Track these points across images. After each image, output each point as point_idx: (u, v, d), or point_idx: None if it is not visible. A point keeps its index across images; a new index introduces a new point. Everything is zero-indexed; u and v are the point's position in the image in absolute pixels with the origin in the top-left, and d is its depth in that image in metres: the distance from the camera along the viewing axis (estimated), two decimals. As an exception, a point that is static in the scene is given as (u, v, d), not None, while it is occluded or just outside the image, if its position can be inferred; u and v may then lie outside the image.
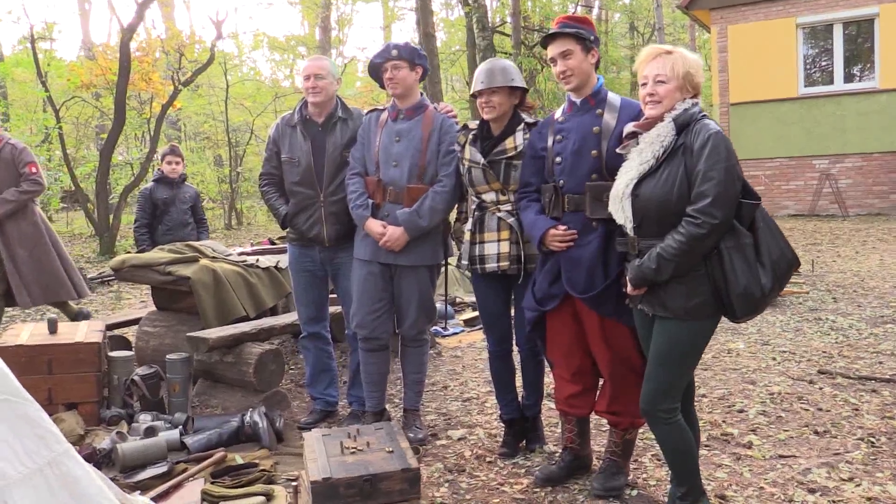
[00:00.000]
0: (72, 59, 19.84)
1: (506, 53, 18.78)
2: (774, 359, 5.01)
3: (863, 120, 13.37)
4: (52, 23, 17.62)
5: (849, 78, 13.93)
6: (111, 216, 12.84)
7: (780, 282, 2.41)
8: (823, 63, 14.13)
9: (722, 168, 2.33)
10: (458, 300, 7.06)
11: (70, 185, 14.47)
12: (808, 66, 14.29)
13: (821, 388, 4.37)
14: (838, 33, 13.84)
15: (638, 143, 2.55)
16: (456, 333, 6.03)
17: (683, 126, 2.45)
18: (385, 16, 30.90)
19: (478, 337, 6.01)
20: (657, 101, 2.49)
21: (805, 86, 14.06)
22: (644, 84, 2.54)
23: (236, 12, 35.00)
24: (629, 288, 2.56)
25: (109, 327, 5.20)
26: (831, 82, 13.90)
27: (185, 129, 24.51)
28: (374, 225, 3.51)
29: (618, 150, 2.67)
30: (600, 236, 2.85)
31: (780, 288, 2.43)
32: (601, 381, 3.14)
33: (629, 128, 2.62)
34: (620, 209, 2.55)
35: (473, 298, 7.14)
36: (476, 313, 6.55)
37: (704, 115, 2.47)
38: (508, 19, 21.24)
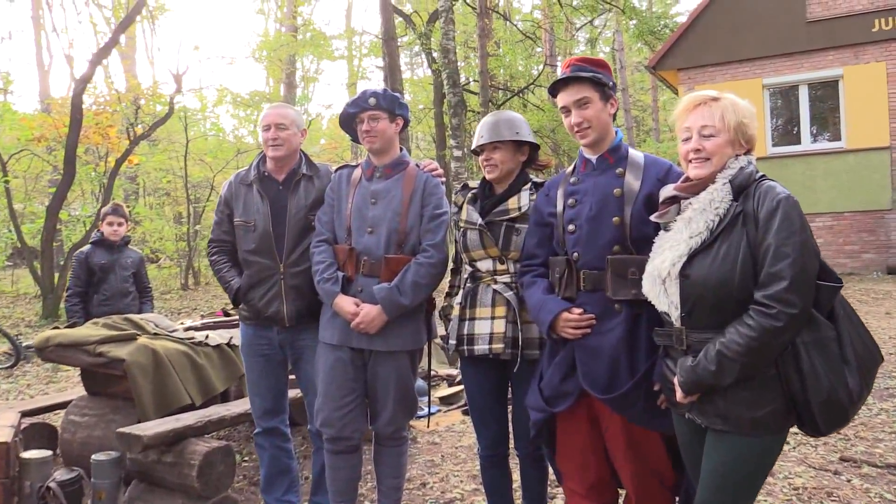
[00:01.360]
0: (26, 112, 19.11)
1: (473, 112, 18.67)
2: (788, 443, 4.49)
3: (831, 179, 13.38)
4: (5, 73, 16.99)
5: (816, 138, 14.02)
6: (57, 276, 12.01)
7: (868, 384, 1.90)
8: (790, 123, 14.20)
9: (798, 242, 1.84)
10: (432, 373, 6.44)
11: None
12: (775, 126, 14.36)
13: (849, 481, 3.88)
14: (804, 94, 13.99)
15: (680, 211, 2.05)
16: (432, 414, 5.40)
17: (741, 189, 1.97)
18: (350, 74, 30.83)
19: (456, 418, 5.40)
20: (705, 159, 2.01)
21: (773, 145, 14.12)
22: (687, 139, 2.05)
23: (200, 63, 34.61)
24: (679, 394, 2.02)
25: (31, 413, 4.49)
26: (799, 142, 13.98)
27: (144, 184, 23.83)
28: (345, 303, 2.94)
29: (654, 218, 2.16)
30: (624, 322, 2.33)
31: (868, 391, 1.92)
32: (622, 494, 2.57)
33: (668, 191, 2.12)
34: (663, 292, 2.04)
35: (449, 370, 6.59)
36: (454, 389, 5.97)
37: (764, 176, 2.00)
38: (472, 79, 21.32)
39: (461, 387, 6.12)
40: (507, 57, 21.10)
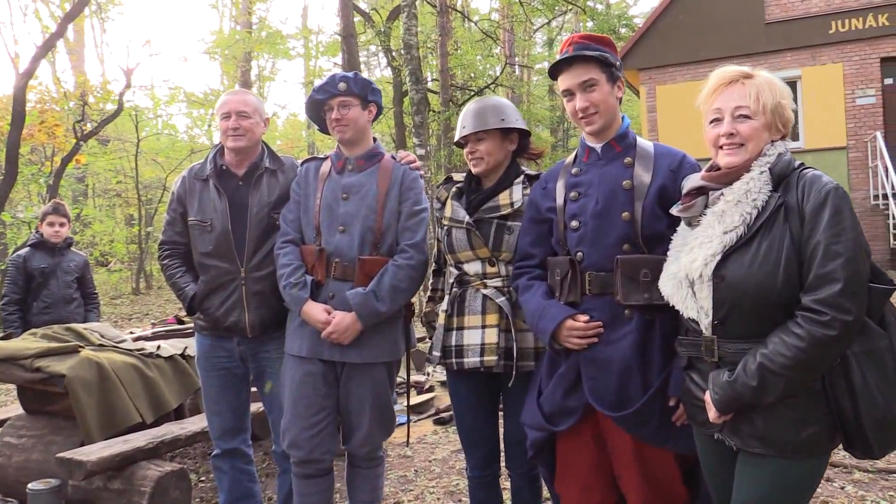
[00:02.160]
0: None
1: (434, 111, 18.41)
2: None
3: (791, 179, 13.47)
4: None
5: (775, 138, 14.12)
6: (-2, 282, 11.39)
7: None
8: (751, 123, 14.28)
9: (850, 240, 1.61)
10: (399, 380, 6.13)
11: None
12: (735, 126, 14.47)
13: (842, 488, 3.73)
14: (763, 94, 14.07)
15: (708, 203, 1.80)
16: (401, 424, 5.09)
17: (781, 178, 1.73)
18: (307, 73, 30.30)
19: (428, 429, 5.12)
20: (738, 145, 1.76)
21: (733, 145, 14.17)
22: (716, 120, 1.80)
23: (151, 59, 33.62)
24: (712, 413, 1.77)
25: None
26: (759, 142, 14.06)
27: (93, 185, 23.04)
28: (315, 310, 2.63)
29: (676, 212, 1.91)
30: (636, 330, 2.07)
31: None
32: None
33: (694, 181, 1.87)
34: (690, 296, 1.78)
35: (417, 377, 6.30)
36: (424, 397, 5.69)
37: (803, 164, 1.76)
38: (430, 77, 21.08)
39: (432, 394, 5.84)
40: (466, 56, 20.88)
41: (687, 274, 1.78)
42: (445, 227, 2.57)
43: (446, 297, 2.59)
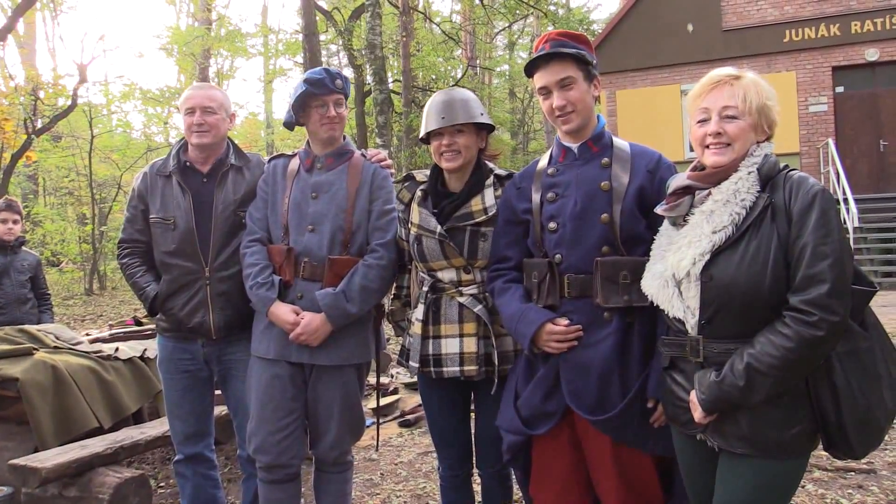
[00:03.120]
0: None
1: (396, 112, 18.37)
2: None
3: (746, 183, 13.76)
4: None
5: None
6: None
7: None
8: (708, 128, 14.54)
9: (836, 242, 1.62)
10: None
11: None
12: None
13: (803, 486, 3.80)
14: (720, 101, 14.34)
15: (695, 203, 1.81)
16: (366, 427, 5.03)
17: (767, 179, 1.74)
18: (266, 71, 29.94)
19: (393, 431, 5.07)
20: (725, 144, 1.77)
21: (691, 149, 14.42)
22: (703, 120, 1.80)
23: (105, 54, 32.82)
24: (698, 414, 1.77)
25: None
26: (716, 147, 14.32)
27: (45, 183, 22.42)
28: (282, 311, 2.57)
29: (661, 212, 1.90)
30: (615, 332, 2.06)
31: None
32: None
33: (680, 180, 1.87)
34: (677, 296, 1.78)
35: (382, 378, 6.24)
36: (388, 399, 5.64)
37: (787, 166, 1.78)
38: (391, 79, 21.02)
39: (396, 396, 5.80)
40: (428, 58, 20.87)
41: (674, 273, 1.78)
42: (414, 234, 2.48)
43: (420, 305, 2.49)
